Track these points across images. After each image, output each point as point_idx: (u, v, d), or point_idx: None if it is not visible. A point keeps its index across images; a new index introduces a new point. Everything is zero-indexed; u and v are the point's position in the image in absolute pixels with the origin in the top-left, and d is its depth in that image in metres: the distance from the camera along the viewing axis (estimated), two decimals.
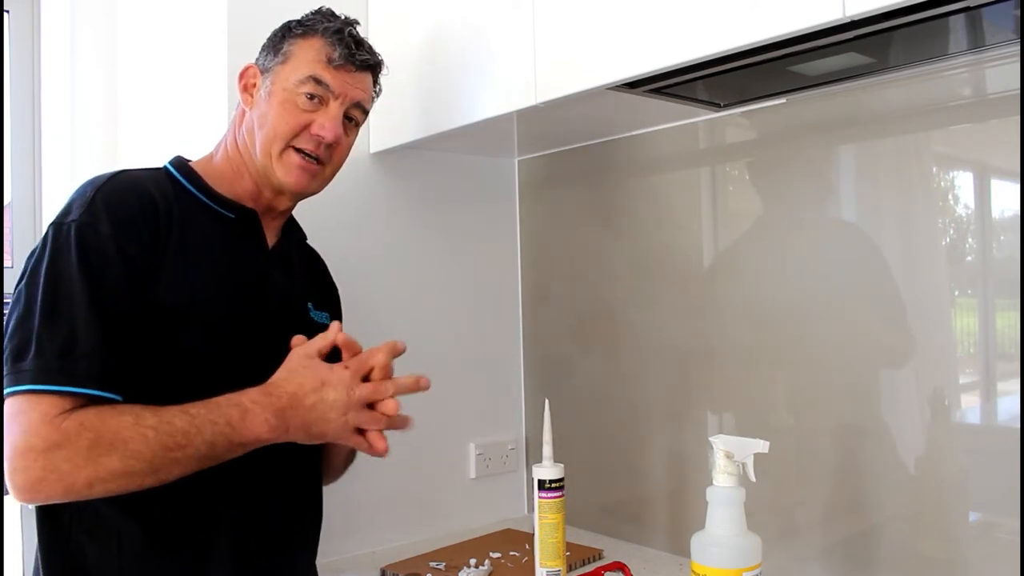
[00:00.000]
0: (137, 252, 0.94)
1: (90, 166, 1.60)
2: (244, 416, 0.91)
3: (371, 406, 0.98)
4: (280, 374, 0.96)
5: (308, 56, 1.07)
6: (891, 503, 1.20)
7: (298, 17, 1.12)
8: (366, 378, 0.99)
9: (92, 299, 0.89)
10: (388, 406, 0.98)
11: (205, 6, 1.45)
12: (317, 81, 1.07)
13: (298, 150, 1.07)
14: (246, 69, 1.12)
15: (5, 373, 0.87)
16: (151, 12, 1.62)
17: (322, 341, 0.99)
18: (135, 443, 0.85)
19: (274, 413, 0.92)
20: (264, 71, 1.10)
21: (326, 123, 1.07)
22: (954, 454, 1.16)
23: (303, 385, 0.94)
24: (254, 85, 1.11)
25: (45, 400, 0.86)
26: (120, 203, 0.95)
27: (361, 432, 0.98)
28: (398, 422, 1.00)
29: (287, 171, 1.07)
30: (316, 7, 1.13)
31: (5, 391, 0.87)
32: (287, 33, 1.10)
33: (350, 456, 1.21)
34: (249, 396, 0.92)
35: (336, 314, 1.24)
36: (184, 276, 0.97)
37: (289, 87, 1.07)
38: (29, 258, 0.95)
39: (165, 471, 0.87)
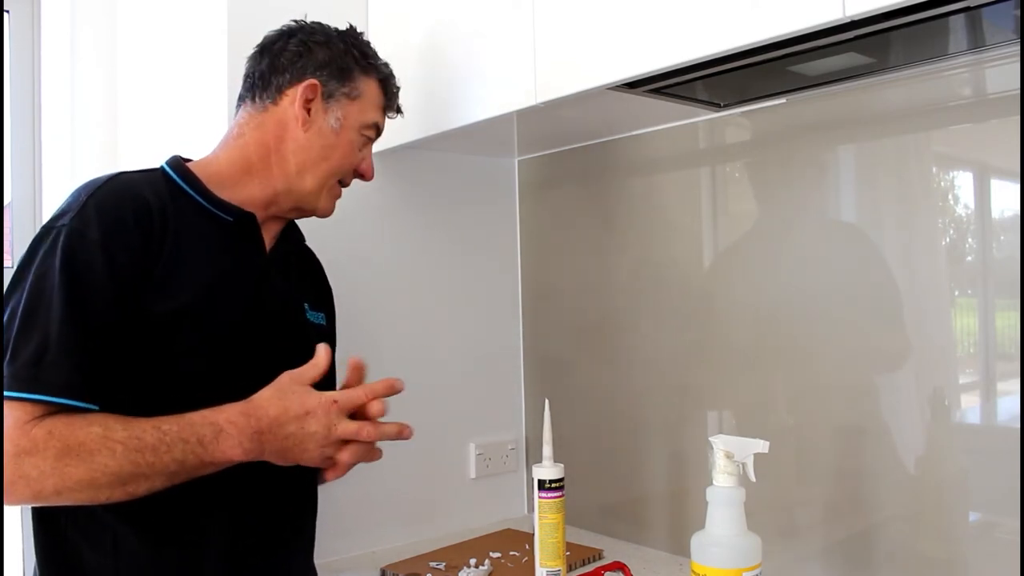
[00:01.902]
0: (126, 258, 0.93)
1: (90, 166, 1.61)
2: (217, 436, 0.90)
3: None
4: (265, 394, 0.94)
5: (374, 100, 1.14)
6: (891, 503, 1.20)
7: (308, 20, 1.13)
8: (354, 414, 0.96)
9: (70, 307, 0.89)
10: (374, 455, 0.99)
11: (205, 6, 1.45)
12: (376, 128, 1.15)
13: (339, 182, 1.15)
14: (310, 85, 1.08)
15: None
16: (151, 12, 1.62)
17: (313, 371, 0.96)
18: (102, 456, 0.86)
19: (250, 436, 0.91)
20: (327, 95, 1.09)
21: (371, 164, 1.17)
22: (954, 454, 1.16)
23: (287, 411, 0.92)
24: (311, 101, 1.08)
25: (17, 406, 0.86)
26: (113, 208, 0.95)
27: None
28: (374, 455, 1.00)
29: (329, 202, 1.14)
30: (320, 10, 1.14)
31: None
32: (351, 63, 1.11)
33: None
34: (226, 415, 0.91)
35: (331, 315, 1.25)
36: (179, 279, 0.97)
37: (357, 127, 1.12)
38: (21, 259, 0.95)
39: (133, 485, 0.88)
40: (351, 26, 1.16)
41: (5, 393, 0.86)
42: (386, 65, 1.17)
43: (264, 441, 0.92)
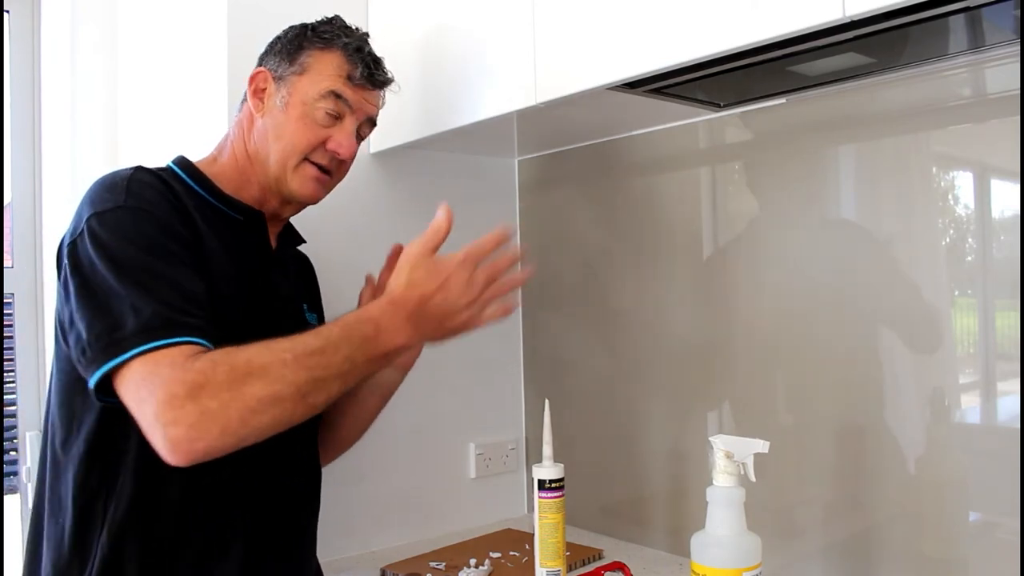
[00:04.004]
0: (185, 236, 0.95)
1: (90, 166, 1.60)
2: (378, 330, 0.90)
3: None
4: (398, 280, 0.93)
5: (328, 71, 1.08)
6: (891, 503, 1.20)
7: (299, 18, 1.12)
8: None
9: (172, 265, 0.89)
10: (514, 280, 1.00)
11: (205, 6, 1.45)
12: (337, 97, 1.07)
13: (313, 162, 1.08)
14: (257, 73, 1.11)
15: (101, 350, 0.84)
16: (151, 12, 1.62)
17: (435, 238, 0.95)
18: (275, 367, 0.83)
19: (406, 320, 0.91)
20: (278, 78, 1.09)
21: (343, 140, 1.08)
22: (954, 454, 1.16)
23: (427, 286, 0.92)
24: (264, 90, 1.09)
25: (167, 353, 0.82)
26: (156, 192, 0.96)
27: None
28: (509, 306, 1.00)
29: (302, 183, 1.08)
30: (319, 9, 1.13)
31: (112, 363, 0.83)
32: (303, 42, 1.09)
33: (377, 410, 1.24)
34: (378, 309, 0.91)
35: (322, 318, 1.25)
36: (203, 273, 0.97)
37: (308, 100, 1.07)
38: (72, 254, 0.91)
39: (312, 394, 0.85)
40: (329, 17, 1.13)
41: (142, 347, 0.82)
42: (357, 38, 1.11)
43: (418, 322, 0.92)
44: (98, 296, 0.87)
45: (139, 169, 0.99)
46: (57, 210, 1.59)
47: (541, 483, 1.21)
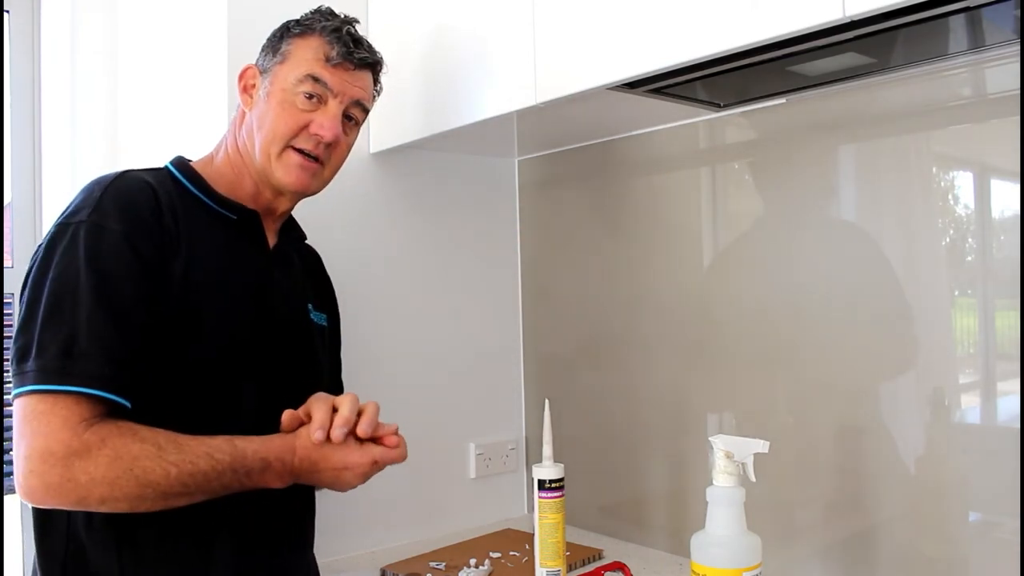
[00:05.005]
0: (149, 251, 0.93)
1: (90, 166, 1.60)
2: (264, 471, 0.93)
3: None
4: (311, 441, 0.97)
5: (306, 55, 1.07)
6: (891, 503, 1.20)
7: (298, 17, 1.12)
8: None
9: (99, 297, 0.88)
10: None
11: (205, 7, 1.45)
12: (315, 80, 1.06)
13: (298, 150, 1.07)
14: (245, 70, 1.12)
15: (12, 374, 0.87)
16: (151, 12, 1.62)
17: (348, 425, 0.98)
18: (155, 474, 0.86)
19: (290, 473, 0.95)
20: (263, 71, 1.10)
21: (325, 122, 1.06)
22: (954, 454, 1.16)
23: (327, 460, 0.97)
24: (253, 86, 1.10)
25: (62, 404, 0.85)
26: (129, 202, 0.95)
27: None
28: None
29: (287, 171, 1.07)
30: (316, 6, 1.13)
31: (15, 392, 0.87)
32: (285, 33, 1.10)
33: None
34: (273, 452, 0.94)
35: (333, 315, 1.24)
36: (191, 278, 0.97)
37: (287, 87, 1.06)
38: (32, 261, 0.94)
39: (174, 501, 0.89)
40: (319, 7, 1.13)
41: (36, 387, 0.85)
42: (339, 21, 1.09)
43: (300, 477, 0.97)
44: (25, 309, 0.90)
45: (122, 176, 0.99)
46: (57, 210, 1.58)
47: (541, 483, 1.21)
